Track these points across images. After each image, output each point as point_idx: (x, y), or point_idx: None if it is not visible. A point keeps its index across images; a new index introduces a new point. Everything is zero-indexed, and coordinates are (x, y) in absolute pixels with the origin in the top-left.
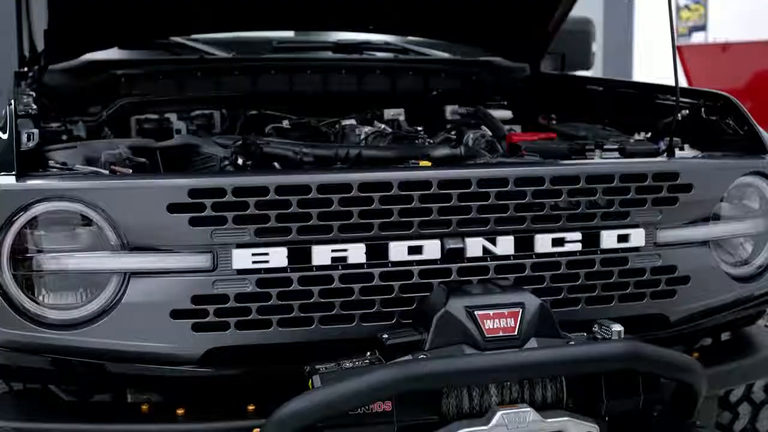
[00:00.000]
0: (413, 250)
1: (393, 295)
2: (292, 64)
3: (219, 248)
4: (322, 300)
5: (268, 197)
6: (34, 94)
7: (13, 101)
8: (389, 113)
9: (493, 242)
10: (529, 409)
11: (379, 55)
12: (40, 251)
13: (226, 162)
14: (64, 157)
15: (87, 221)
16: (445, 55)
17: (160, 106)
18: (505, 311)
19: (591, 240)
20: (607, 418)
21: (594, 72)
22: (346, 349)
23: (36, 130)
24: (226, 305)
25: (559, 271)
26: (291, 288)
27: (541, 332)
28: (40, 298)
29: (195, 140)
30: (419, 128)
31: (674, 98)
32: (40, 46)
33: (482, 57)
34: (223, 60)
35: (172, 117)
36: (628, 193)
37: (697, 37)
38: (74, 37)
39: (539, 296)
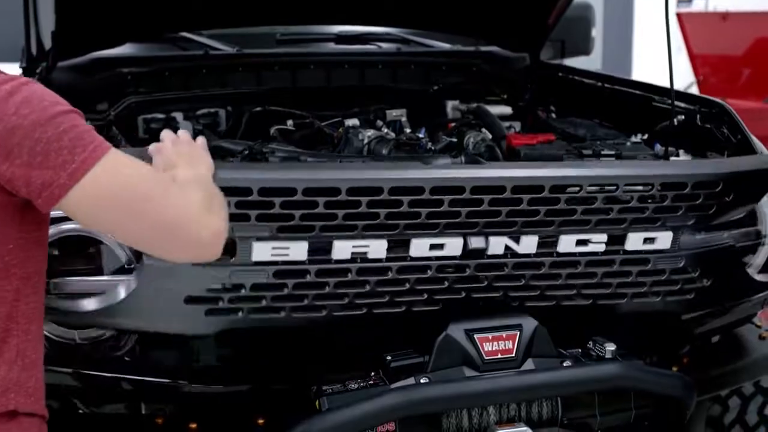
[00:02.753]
0: (435, 247)
1: (407, 287)
2: (296, 60)
3: (239, 240)
4: (336, 291)
5: (294, 197)
6: None
7: None
8: (391, 114)
9: (517, 241)
10: (525, 427)
11: (382, 45)
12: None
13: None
14: None
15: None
16: (446, 45)
17: (167, 104)
18: (503, 334)
19: (616, 242)
20: None
21: (594, 54)
22: (352, 364)
23: None
24: (241, 293)
25: (578, 270)
26: (307, 280)
27: (537, 352)
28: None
29: None
30: (420, 134)
31: (670, 101)
32: (48, 44)
33: (482, 47)
34: (228, 56)
35: (178, 116)
36: (665, 200)
37: (698, 4)
38: (81, 35)
39: (554, 293)
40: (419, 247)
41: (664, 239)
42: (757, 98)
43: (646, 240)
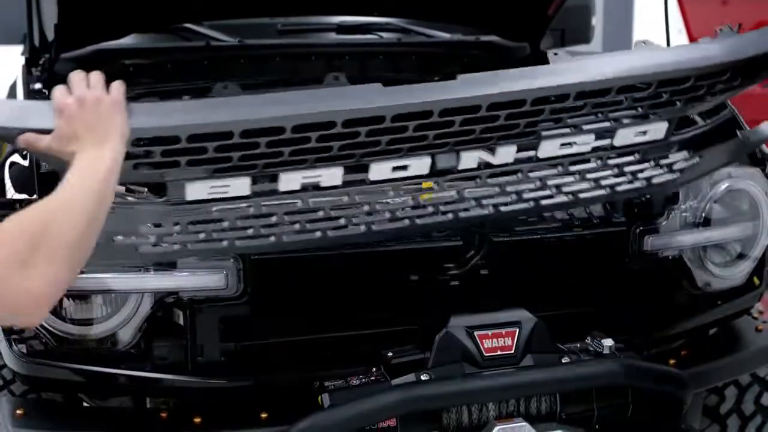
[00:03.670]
0: (398, 168)
1: (365, 209)
2: (297, 51)
3: (169, 183)
4: (284, 220)
5: (231, 141)
6: (46, 92)
7: None
8: None
9: (492, 153)
10: (524, 423)
11: (382, 35)
12: None
13: None
14: None
15: None
16: (446, 35)
17: (169, 96)
18: (503, 331)
19: (604, 138)
20: (597, 427)
21: (594, 41)
22: (353, 360)
23: None
24: (176, 230)
25: (560, 171)
26: (251, 212)
27: (536, 349)
28: None
29: None
30: None
31: None
32: (50, 36)
33: (483, 37)
34: (230, 47)
35: None
36: (663, 97)
37: None
38: (84, 27)
39: (533, 194)
40: (380, 171)
41: (657, 130)
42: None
43: (638, 133)
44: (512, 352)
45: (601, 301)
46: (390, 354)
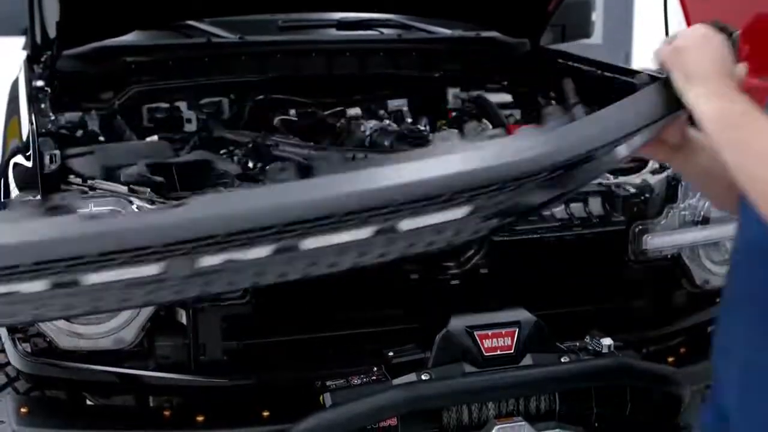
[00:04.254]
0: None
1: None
2: (299, 48)
3: None
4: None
5: (18, 271)
6: (48, 90)
7: (34, 124)
8: (393, 104)
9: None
10: (524, 422)
11: (383, 31)
12: None
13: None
14: (82, 166)
15: None
16: (447, 31)
17: (170, 93)
18: (503, 330)
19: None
20: (596, 425)
21: (594, 35)
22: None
23: (58, 152)
24: None
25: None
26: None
27: (536, 348)
28: None
29: (208, 156)
30: (422, 125)
31: None
32: (52, 33)
33: (483, 33)
34: (230, 44)
35: (183, 105)
36: (477, 199)
37: None
38: (85, 25)
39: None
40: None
41: (457, 213)
42: (757, 75)
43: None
44: (512, 351)
45: (600, 299)
46: (391, 353)
